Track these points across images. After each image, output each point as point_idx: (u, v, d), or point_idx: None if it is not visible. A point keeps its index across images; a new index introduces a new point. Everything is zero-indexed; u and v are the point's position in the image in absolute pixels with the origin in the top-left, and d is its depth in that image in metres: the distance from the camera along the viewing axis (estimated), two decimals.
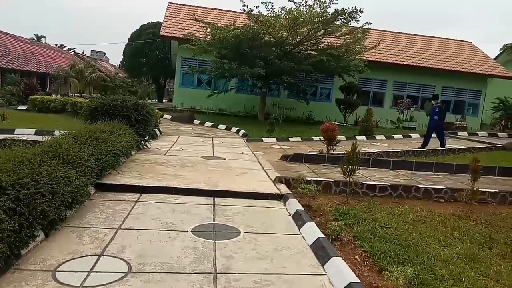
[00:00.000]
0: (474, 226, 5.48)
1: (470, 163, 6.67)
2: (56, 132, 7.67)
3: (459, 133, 18.65)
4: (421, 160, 9.97)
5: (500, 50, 28.49)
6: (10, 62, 25.18)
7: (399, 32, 27.53)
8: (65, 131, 6.41)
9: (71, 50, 52.78)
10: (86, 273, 3.35)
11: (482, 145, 14.57)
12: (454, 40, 28.27)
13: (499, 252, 4.60)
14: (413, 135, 16.67)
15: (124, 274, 3.39)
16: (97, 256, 3.68)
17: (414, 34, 27.90)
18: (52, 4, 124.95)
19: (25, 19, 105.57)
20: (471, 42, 28.38)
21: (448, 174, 8.94)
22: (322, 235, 4.41)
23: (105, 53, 65.96)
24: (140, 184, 6.01)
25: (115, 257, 3.70)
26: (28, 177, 3.82)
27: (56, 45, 53.13)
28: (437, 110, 12.77)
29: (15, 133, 9.67)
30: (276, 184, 6.75)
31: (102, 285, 3.18)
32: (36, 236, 3.77)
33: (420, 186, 7.07)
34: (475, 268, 4.04)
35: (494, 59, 27.52)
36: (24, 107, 17.52)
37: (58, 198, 4.09)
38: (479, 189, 6.44)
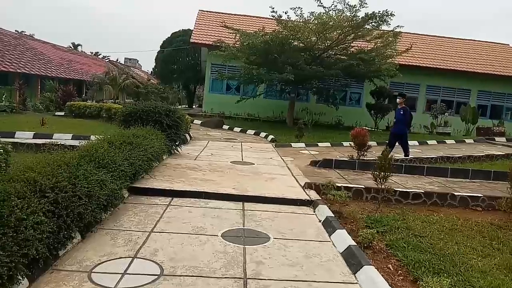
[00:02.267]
0: None
1: (509, 170, 6.38)
2: (92, 137, 7.93)
3: (497, 139, 17.89)
4: (456, 167, 9.63)
5: None
6: (49, 70, 26.33)
7: (432, 35, 26.82)
8: (101, 136, 6.61)
9: (106, 58, 54.68)
10: (120, 275, 3.43)
11: None
12: (491, 42, 27.26)
13: None
14: (448, 141, 16.15)
15: (157, 277, 3.45)
16: (131, 259, 3.77)
17: (448, 37, 27.12)
18: (88, 15, 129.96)
19: (63, 29, 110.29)
20: (508, 45, 27.28)
21: (485, 181, 8.60)
22: (354, 243, 4.33)
23: (138, 61, 67.80)
24: (172, 188, 6.12)
25: (147, 259, 3.78)
26: (66, 180, 3.97)
27: (92, 53, 55.15)
28: (401, 112, 10.79)
29: (53, 138, 10.05)
30: (305, 190, 6.70)
31: (135, 287, 3.25)
32: (73, 237, 3.91)
33: (456, 193, 6.83)
34: None
35: None
36: (62, 113, 18.22)
37: (94, 201, 4.23)
38: None
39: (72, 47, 49.86)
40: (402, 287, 3.59)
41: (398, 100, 10.98)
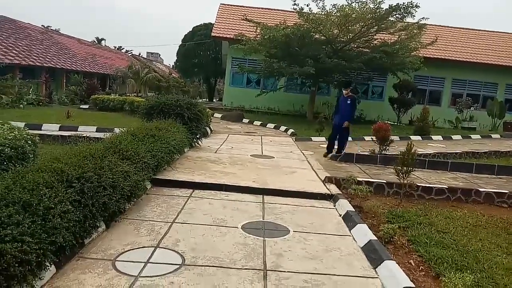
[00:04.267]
0: None
1: None
2: (116, 130, 8.09)
3: None
4: (481, 163, 9.38)
5: None
6: (74, 64, 26.92)
7: (457, 27, 26.03)
8: (124, 129, 6.75)
9: (129, 52, 55.44)
10: (143, 264, 3.52)
11: None
12: None
13: None
14: (473, 136, 15.73)
15: (178, 266, 3.52)
16: (153, 248, 3.85)
17: (474, 29, 26.24)
18: (111, 11, 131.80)
19: (88, 27, 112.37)
20: None
21: None
22: (374, 238, 4.30)
23: (159, 55, 68.72)
24: (193, 180, 6.21)
25: (169, 249, 3.86)
26: (92, 171, 4.08)
27: (115, 47, 56.05)
28: (348, 102, 9.37)
29: (78, 130, 10.33)
30: (325, 184, 6.67)
31: (158, 275, 3.32)
32: (98, 227, 4.02)
33: (480, 189, 6.67)
34: None
35: None
36: (86, 106, 18.66)
37: (118, 192, 4.33)
38: None
39: (96, 42, 50.79)
40: (424, 282, 3.55)
41: (344, 89, 9.72)
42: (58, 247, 3.23)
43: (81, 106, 18.78)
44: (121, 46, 58.99)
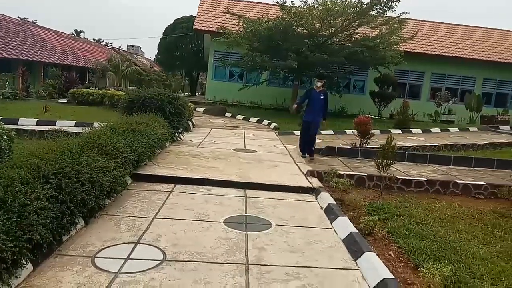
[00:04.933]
0: None
1: None
2: (95, 124, 7.94)
3: (501, 127, 17.77)
4: (459, 155, 9.60)
5: None
6: (51, 56, 26.24)
7: (438, 22, 26.46)
8: (104, 123, 6.63)
9: (109, 45, 54.38)
10: (124, 260, 3.47)
11: None
12: (497, 29, 26.83)
13: None
14: (451, 129, 16.06)
15: (159, 262, 3.49)
16: (134, 244, 3.80)
17: (453, 24, 26.71)
18: (91, 2, 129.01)
19: (66, 15, 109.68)
20: None
21: (489, 169, 8.57)
22: (355, 230, 4.35)
23: (140, 48, 67.38)
24: (174, 175, 6.15)
25: (150, 245, 3.82)
26: (69, 166, 3.99)
27: (94, 40, 54.88)
28: (322, 97, 8.39)
29: (56, 124, 10.09)
30: (307, 177, 6.71)
31: (138, 272, 3.28)
32: (76, 223, 3.94)
33: (458, 181, 6.82)
34: None
35: None
36: (65, 100, 18.22)
37: (97, 187, 4.25)
38: None
39: (75, 34, 49.61)
40: (403, 273, 3.61)
41: (317, 82, 8.59)
42: (34, 244, 3.16)
43: (59, 100, 18.34)
44: (100, 39, 57.89)
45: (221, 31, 17.76)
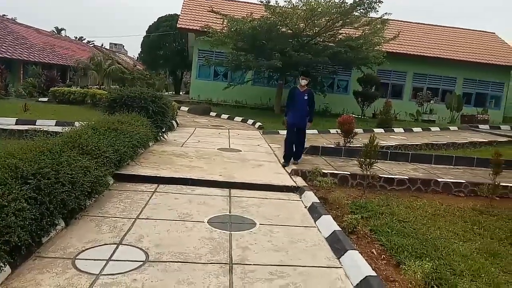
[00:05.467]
0: (494, 221, 5.36)
1: (492, 156, 6.51)
2: (76, 123, 7.79)
3: (481, 126, 18.20)
4: (440, 154, 9.77)
5: None
6: (31, 54, 25.69)
7: (419, 23, 26.90)
8: (85, 123, 6.51)
9: (91, 43, 53.53)
10: (105, 262, 3.41)
11: (505, 139, 14.18)
12: (477, 31, 27.46)
13: None
14: (433, 128, 16.35)
15: (142, 263, 3.44)
16: (116, 245, 3.75)
17: (435, 25, 27.21)
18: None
19: (46, 12, 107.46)
20: (494, 33, 27.52)
21: (469, 168, 8.75)
22: (339, 228, 4.38)
23: (123, 46, 66.57)
24: (158, 175, 6.09)
25: (133, 246, 3.77)
26: (49, 167, 3.90)
27: (76, 37, 53.93)
28: (306, 97, 7.51)
29: (36, 124, 9.86)
30: (292, 176, 6.73)
31: (120, 273, 3.24)
32: (56, 224, 3.86)
33: (439, 180, 6.95)
34: (495, 264, 3.95)
35: None
36: (45, 99, 17.85)
37: (78, 188, 4.17)
38: (501, 184, 6.28)
39: (56, 32, 48.63)
40: (385, 270, 3.66)
41: (302, 79, 7.56)
42: (12, 246, 3.09)
43: (39, 99, 17.95)
44: (82, 37, 56.91)
45: (205, 30, 17.66)
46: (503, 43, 26.04)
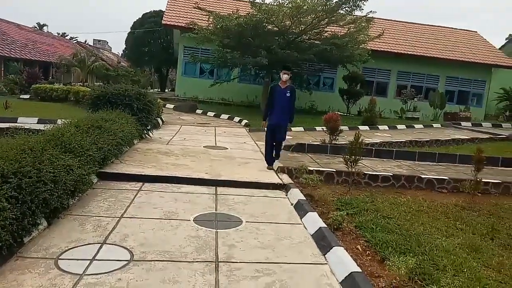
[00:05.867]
0: (476, 217, 5.47)
1: (474, 153, 6.63)
2: (59, 121, 7.66)
3: (463, 123, 18.54)
4: (424, 151, 9.92)
5: (506, 39, 28.15)
6: (12, 51, 25.11)
7: (403, 22, 27.22)
8: (68, 120, 6.40)
9: (74, 39, 52.56)
10: (89, 261, 3.36)
11: (486, 136, 14.48)
12: (459, 30, 27.93)
13: (502, 243, 4.59)
14: (416, 126, 16.59)
15: (126, 262, 3.41)
16: (100, 244, 3.69)
17: (419, 24, 27.59)
18: None
19: (27, 7, 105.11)
20: (476, 32, 28.03)
21: (451, 164, 8.91)
22: (324, 225, 4.41)
23: (107, 42, 65.69)
24: (143, 173, 6.02)
25: (117, 245, 3.72)
26: (30, 165, 3.82)
27: (59, 33, 52.86)
28: (288, 95, 7.11)
29: (17, 121, 9.68)
30: (278, 174, 6.74)
31: (104, 273, 3.19)
32: (38, 224, 3.79)
33: (422, 176, 7.05)
34: (477, 259, 4.03)
35: (500, 49, 27.19)
36: (27, 96, 17.50)
37: (61, 187, 4.10)
38: (482, 180, 6.40)
39: (38, 27, 47.63)
40: (370, 266, 3.69)
41: (283, 74, 7.13)
42: None
43: (21, 96, 17.60)
44: (65, 33, 55.86)
45: (191, 26, 17.53)
46: (484, 42, 26.54)
